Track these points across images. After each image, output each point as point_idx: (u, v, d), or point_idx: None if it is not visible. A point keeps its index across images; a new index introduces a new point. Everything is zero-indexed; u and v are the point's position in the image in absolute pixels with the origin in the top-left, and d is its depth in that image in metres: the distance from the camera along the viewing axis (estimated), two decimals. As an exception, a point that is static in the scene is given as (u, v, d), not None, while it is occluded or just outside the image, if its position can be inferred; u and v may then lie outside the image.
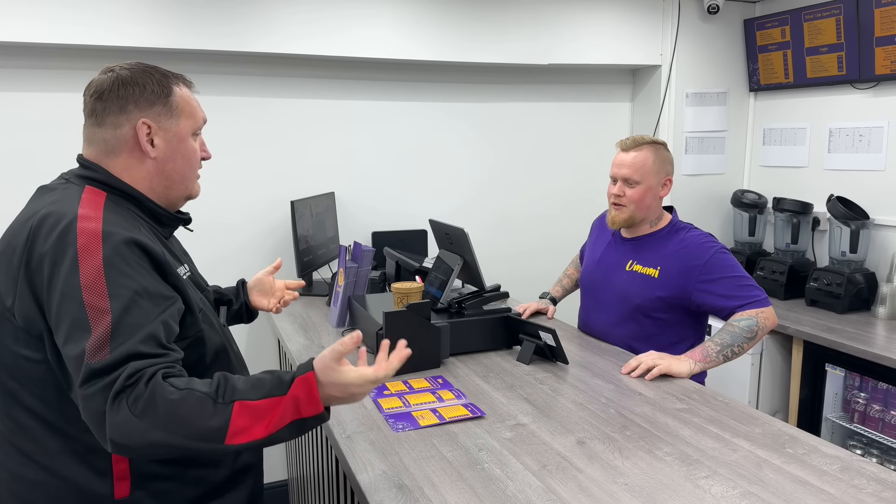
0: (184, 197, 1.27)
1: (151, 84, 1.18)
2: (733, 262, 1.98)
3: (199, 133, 1.27)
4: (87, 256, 1.04)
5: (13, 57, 2.57)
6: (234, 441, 1.01)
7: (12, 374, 1.12)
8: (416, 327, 1.82)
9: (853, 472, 1.28)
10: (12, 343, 1.11)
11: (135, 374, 1.00)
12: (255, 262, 3.02)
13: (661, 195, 2.07)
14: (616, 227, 2.10)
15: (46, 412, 1.12)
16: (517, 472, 1.29)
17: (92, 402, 1.00)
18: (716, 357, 1.87)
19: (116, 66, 1.20)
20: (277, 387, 1.05)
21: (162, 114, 1.19)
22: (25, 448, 1.13)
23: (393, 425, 1.49)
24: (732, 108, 3.59)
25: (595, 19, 3.27)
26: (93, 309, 1.02)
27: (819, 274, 2.97)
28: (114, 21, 2.52)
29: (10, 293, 1.08)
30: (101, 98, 1.16)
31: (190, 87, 1.26)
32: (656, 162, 2.03)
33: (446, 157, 3.32)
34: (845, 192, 3.06)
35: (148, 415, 0.98)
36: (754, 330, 1.89)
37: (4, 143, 2.59)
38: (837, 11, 3.00)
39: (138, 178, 1.19)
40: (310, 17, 2.79)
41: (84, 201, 1.11)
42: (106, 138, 1.17)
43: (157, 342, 1.05)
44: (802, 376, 2.78)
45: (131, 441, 0.99)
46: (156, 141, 1.19)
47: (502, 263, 3.41)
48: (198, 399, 1.01)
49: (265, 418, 1.03)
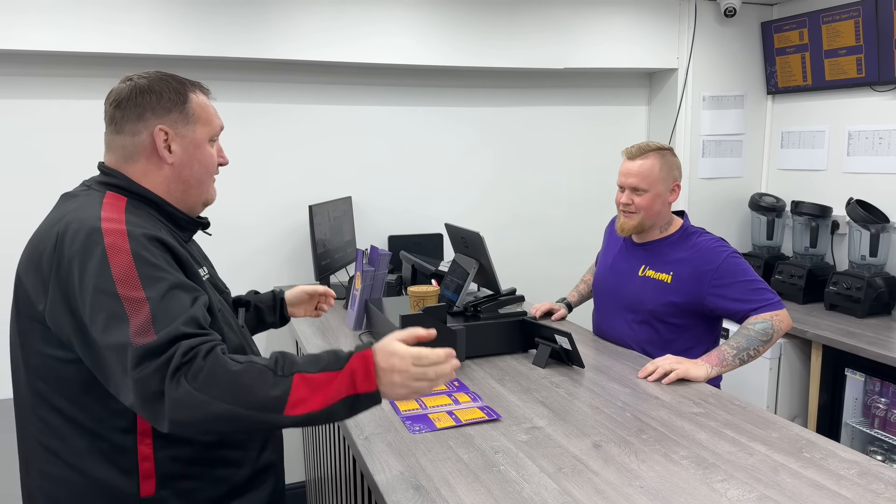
0: (200, 202, 1.30)
1: (168, 92, 1.21)
2: (745, 266, 1.98)
3: (215, 139, 1.29)
4: (115, 252, 1.07)
5: (37, 66, 2.63)
6: (293, 412, 1.03)
7: (40, 375, 1.15)
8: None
9: (871, 477, 1.28)
10: (41, 345, 1.13)
11: (189, 350, 1.03)
12: (273, 266, 3.06)
13: (670, 201, 2.06)
14: (625, 234, 2.10)
15: (74, 412, 1.14)
16: (533, 475, 1.30)
17: (147, 384, 1.01)
18: (732, 361, 1.87)
19: (135, 75, 1.24)
20: (335, 362, 1.07)
21: (178, 121, 1.22)
22: (53, 447, 1.16)
23: (410, 427, 1.51)
24: (750, 111, 3.57)
25: (610, 23, 3.27)
26: (129, 300, 1.04)
27: (838, 278, 2.95)
28: (136, 30, 2.57)
29: (41, 298, 1.11)
30: (119, 106, 1.20)
31: (207, 95, 1.29)
32: (663, 169, 2.03)
33: (462, 162, 3.33)
34: (865, 195, 3.04)
35: (210, 387, 1.01)
36: (769, 333, 1.89)
37: (28, 149, 2.65)
38: (856, 13, 2.98)
39: (156, 183, 1.22)
40: (327, 24, 2.83)
41: (106, 206, 1.14)
42: (124, 145, 1.21)
43: (198, 324, 1.08)
44: (822, 381, 2.75)
45: (192, 415, 1.01)
46: (173, 147, 1.22)
47: (518, 267, 3.42)
48: (259, 370, 1.04)
49: (322, 390, 1.05)
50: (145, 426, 1.14)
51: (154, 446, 1.15)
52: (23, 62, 2.61)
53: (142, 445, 1.15)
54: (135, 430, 1.14)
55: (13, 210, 2.63)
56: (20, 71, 2.61)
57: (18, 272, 1.16)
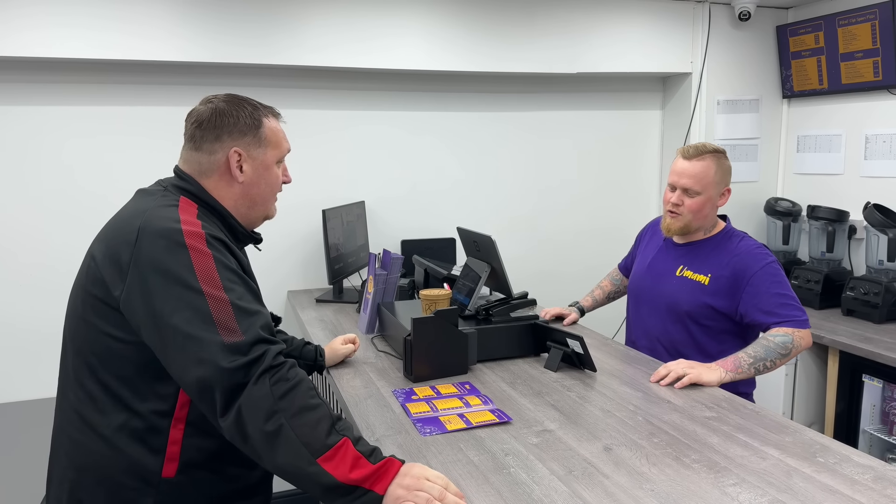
0: (262, 217, 1.41)
1: (245, 116, 1.33)
2: (781, 278, 1.94)
3: (282, 161, 1.42)
4: (198, 253, 1.17)
5: (58, 73, 2.68)
6: (321, 463, 1.09)
7: (94, 350, 1.22)
8: (443, 333, 1.84)
9: (886, 482, 1.26)
10: (104, 323, 1.20)
11: (278, 356, 1.14)
12: (287, 269, 3.08)
13: (719, 205, 2.03)
14: (670, 234, 2.08)
15: (120, 388, 1.21)
16: (543, 477, 1.30)
17: (234, 375, 1.10)
18: (748, 369, 1.85)
19: (215, 97, 1.35)
20: (373, 454, 1.14)
21: (252, 143, 1.34)
22: (90, 418, 1.22)
23: (421, 429, 1.51)
24: (765, 115, 3.55)
25: (624, 27, 3.27)
26: (213, 298, 1.14)
27: (856, 283, 2.91)
28: (147, 37, 2.60)
29: (117, 285, 1.18)
30: (200, 126, 1.31)
31: (277, 119, 1.42)
32: (718, 172, 1.99)
33: (475, 166, 3.34)
34: (882, 199, 3.00)
35: (286, 400, 1.11)
36: (789, 347, 1.87)
37: (52, 155, 2.69)
38: (872, 16, 2.96)
39: (225, 197, 1.34)
40: (340, 30, 2.85)
41: (182, 209, 1.24)
42: (200, 161, 1.32)
43: (272, 331, 1.19)
44: (839, 388, 2.72)
45: (256, 416, 1.09)
46: (244, 167, 1.33)
47: (530, 271, 3.42)
48: (327, 414, 1.14)
49: (351, 465, 1.11)
50: (182, 413, 1.22)
51: (185, 432, 1.23)
52: (38, 69, 2.65)
53: (174, 430, 1.22)
54: (171, 415, 1.22)
55: (25, 215, 2.68)
56: (36, 78, 2.66)
57: (93, 254, 1.24)
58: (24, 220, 2.67)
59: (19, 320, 2.69)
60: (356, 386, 1.80)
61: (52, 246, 2.69)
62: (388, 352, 2.10)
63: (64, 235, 2.69)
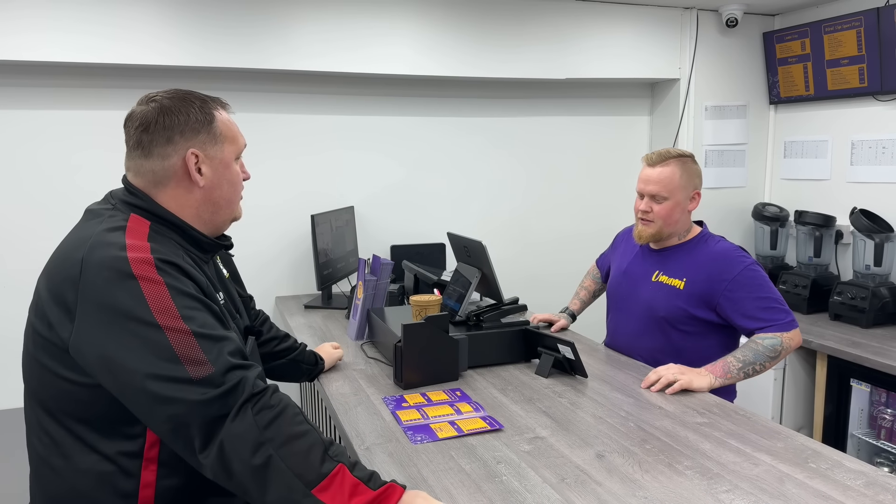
0: (229, 220, 1.30)
1: (195, 112, 1.20)
2: (762, 281, 1.93)
3: (240, 156, 1.29)
4: (148, 284, 1.06)
5: (40, 76, 2.65)
6: (317, 494, 1.02)
7: (51, 394, 1.13)
8: (433, 340, 1.82)
9: (878, 488, 1.26)
10: (55, 364, 1.10)
11: (257, 381, 1.06)
12: (276, 275, 3.06)
13: (690, 209, 2.04)
14: (643, 241, 2.08)
15: (83, 431, 1.12)
16: (535, 485, 1.28)
17: (208, 409, 1.02)
18: (737, 374, 1.84)
19: (156, 94, 1.21)
20: (371, 479, 1.07)
21: (207, 141, 1.21)
22: (56, 465, 1.14)
23: (411, 437, 1.50)
24: (752, 121, 3.57)
25: (613, 33, 3.28)
26: (171, 331, 1.04)
27: (843, 288, 2.93)
28: (138, 41, 2.58)
29: (65, 326, 1.08)
30: (146, 130, 1.17)
31: (227, 110, 1.28)
32: (683, 176, 2.00)
33: (464, 172, 3.34)
34: (869, 204, 3.03)
35: (272, 428, 1.04)
36: (778, 350, 1.87)
37: (36, 159, 2.65)
38: (858, 23, 2.99)
39: (185, 206, 1.21)
40: (329, 35, 2.84)
41: (129, 231, 1.12)
42: (154, 169, 1.19)
43: (242, 355, 1.10)
44: (827, 392, 2.73)
45: (242, 449, 1.02)
46: (203, 169, 1.21)
47: (520, 276, 3.41)
48: (317, 441, 1.06)
49: (349, 493, 1.04)
50: (152, 453, 1.14)
51: (158, 474, 1.14)
52: (31, 73, 2.62)
53: (146, 472, 1.13)
54: (141, 455, 1.13)
55: (16, 219, 2.64)
56: (28, 82, 2.63)
57: (38, 290, 1.14)
58: (2, 223, 2.63)
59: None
60: (346, 393, 1.79)
61: (28, 250, 2.65)
62: (377, 358, 2.08)
63: (43, 239, 2.65)
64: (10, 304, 2.66)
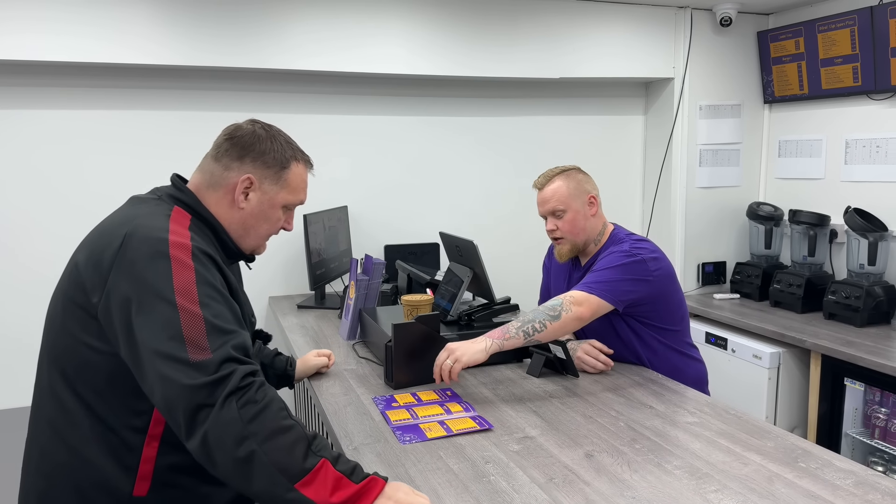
0: (250, 250, 1.38)
1: (277, 151, 1.31)
2: (619, 263, 1.89)
3: (292, 208, 1.38)
4: (180, 265, 1.12)
5: (32, 76, 2.63)
6: (300, 488, 1.04)
7: (70, 360, 1.18)
8: (424, 339, 1.82)
9: (867, 487, 1.25)
10: (81, 332, 1.16)
11: (246, 377, 1.08)
12: (268, 275, 3.05)
13: (592, 214, 2.03)
14: (564, 259, 2.08)
15: (94, 401, 1.17)
16: (523, 485, 1.28)
17: (196, 394, 1.05)
18: (516, 333, 1.76)
19: (264, 123, 1.34)
20: (354, 473, 1.10)
21: (269, 177, 1.31)
22: (62, 430, 1.19)
23: (400, 437, 1.49)
24: (747, 120, 3.56)
25: (607, 32, 3.28)
26: (185, 312, 1.09)
27: (837, 287, 2.93)
28: (131, 41, 2.57)
29: (96, 291, 1.14)
30: (231, 139, 1.30)
31: (308, 170, 1.40)
32: (571, 185, 2.02)
33: (458, 171, 3.33)
34: (863, 203, 3.02)
35: (256, 423, 1.05)
36: (558, 309, 1.80)
37: (35, 160, 2.64)
38: (852, 22, 2.98)
39: (222, 215, 1.30)
40: (323, 34, 2.83)
41: (173, 219, 1.20)
42: (214, 172, 1.30)
43: (246, 352, 1.13)
44: (821, 391, 2.73)
45: (224, 440, 1.04)
46: (250, 195, 1.30)
47: (512, 275, 3.40)
48: (302, 435, 1.08)
49: (332, 487, 1.06)
50: (157, 431, 1.18)
51: (159, 450, 1.19)
52: (11, 72, 2.61)
53: (148, 448, 1.18)
54: (146, 432, 1.18)
55: (16, 218, 2.63)
56: (8, 81, 2.62)
57: (76, 260, 1.20)
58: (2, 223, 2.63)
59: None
60: (336, 393, 1.78)
61: (28, 252, 2.64)
62: (369, 358, 2.07)
63: (39, 242, 2.64)
64: (10, 304, 2.64)
